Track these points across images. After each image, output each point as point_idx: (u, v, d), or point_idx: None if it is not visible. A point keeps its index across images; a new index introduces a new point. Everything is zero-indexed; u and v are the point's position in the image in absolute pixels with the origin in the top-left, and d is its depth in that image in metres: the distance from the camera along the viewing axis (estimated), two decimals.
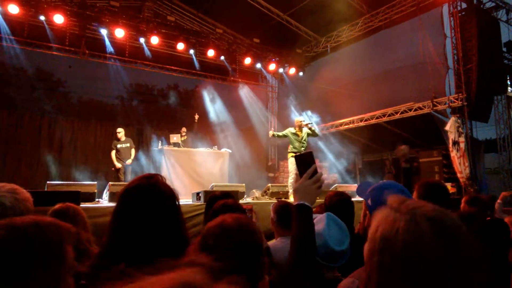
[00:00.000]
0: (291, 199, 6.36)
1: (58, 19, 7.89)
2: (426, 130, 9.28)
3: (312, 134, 6.71)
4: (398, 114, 9.21)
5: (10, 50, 8.55)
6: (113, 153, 7.73)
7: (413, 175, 9.94)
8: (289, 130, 6.73)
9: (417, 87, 8.93)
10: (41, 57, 9.08)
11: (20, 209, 1.12)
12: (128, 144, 7.86)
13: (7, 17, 7.94)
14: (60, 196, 4.09)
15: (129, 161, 7.81)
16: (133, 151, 7.93)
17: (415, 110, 8.86)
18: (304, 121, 6.74)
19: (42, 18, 7.93)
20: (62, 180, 7.92)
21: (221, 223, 1.06)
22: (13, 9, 7.47)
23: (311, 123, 6.72)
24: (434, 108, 8.47)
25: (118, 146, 7.78)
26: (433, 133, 8.88)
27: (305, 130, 6.64)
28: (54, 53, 8.98)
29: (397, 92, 9.31)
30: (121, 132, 7.85)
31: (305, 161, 1.30)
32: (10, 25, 8.14)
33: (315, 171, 1.27)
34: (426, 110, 8.66)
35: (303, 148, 6.59)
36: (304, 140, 6.59)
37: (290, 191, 6.59)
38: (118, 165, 7.65)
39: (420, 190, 2.25)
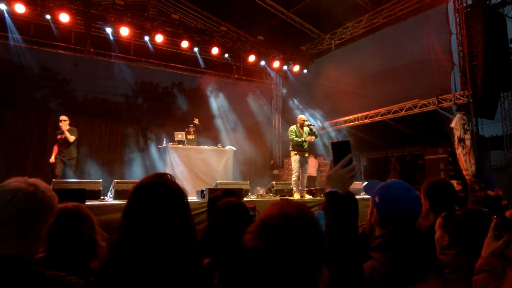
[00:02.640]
0: (295, 197, 6.36)
1: (64, 18, 7.94)
2: (432, 127, 9.23)
3: (312, 135, 6.65)
4: (403, 111, 9.17)
5: (16, 49, 8.63)
6: (55, 145, 6.76)
7: (418, 172, 9.91)
8: (294, 130, 6.61)
9: (422, 84, 8.88)
10: (46, 56, 9.16)
11: (35, 201, 1.15)
12: (65, 135, 6.68)
13: (14, 16, 8.01)
14: (66, 194, 4.14)
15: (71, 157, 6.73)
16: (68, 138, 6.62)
17: (420, 107, 8.81)
18: (307, 120, 6.73)
19: (48, 17, 7.98)
20: (68, 178, 8.02)
21: (283, 209, 0.95)
22: (20, 8, 7.53)
23: (313, 125, 6.74)
24: (440, 105, 8.42)
25: (58, 137, 6.80)
26: (439, 130, 8.83)
27: (306, 129, 6.61)
28: (60, 51, 9.05)
29: (402, 89, 9.26)
30: (61, 120, 6.75)
31: (342, 149, 1.27)
32: (17, 24, 8.21)
33: (351, 160, 1.25)
34: (431, 107, 8.61)
35: (306, 147, 6.57)
36: (304, 139, 6.55)
37: (294, 188, 6.59)
38: (52, 159, 6.65)
39: (426, 188, 2.26)
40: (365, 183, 1.70)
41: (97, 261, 1.18)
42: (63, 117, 6.79)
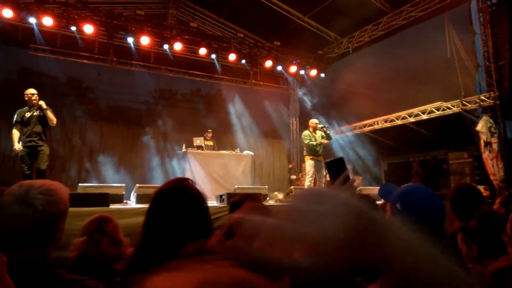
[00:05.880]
0: None
1: (88, 29, 8.26)
2: (456, 131, 8.95)
3: (326, 137, 6.61)
4: (425, 114, 8.95)
5: (44, 60, 9.05)
6: (15, 129, 5.17)
7: (441, 177, 9.62)
8: (308, 134, 6.60)
9: (445, 86, 8.65)
10: (72, 66, 9.52)
11: (51, 212, 1.15)
12: (37, 112, 5.25)
13: (42, 29, 8.40)
14: (91, 198, 4.28)
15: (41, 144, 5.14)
16: (51, 120, 5.25)
17: (443, 110, 8.57)
18: (319, 123, 6.69)
19: (73, 28, 8.31)
20: (92, 182, 8.26)
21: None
22: (48, 21, 7.90)
23: (327, 127, 6.68)
24: (464, 107, 8.16)
25: (27, 115, 5.20)
26: (463, 134, 8.55)
27: (319, 132, 6.58)
28: (84, 61, 9.41)
29: (423, 92, 9.05)
30: (33, 94, 5.30)
31: (336, 167, 1.26)
32: (45, 36, 8.61)
33: (347, 177, 1.25)
34: (455, 110, 8.36)
35: (320, 151, 6.52)
36: (320, 142, 6.52)
37: None
38: (17, 146, 5.06)
39: (452, 194, 2.20)
40: (379, 187, 1.65)
41: (122, 262, 1.22)
42: (34, 91, 5.39)
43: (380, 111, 9.96)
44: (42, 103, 5.29)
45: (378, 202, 2.88)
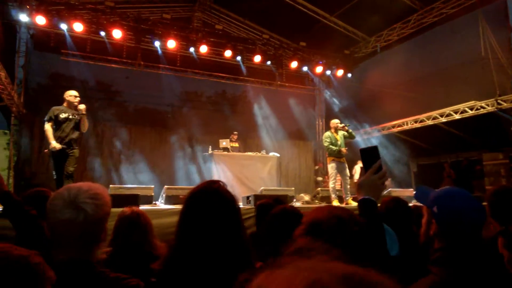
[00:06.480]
0: (334, 204, 6.16)
1: (117, 34, 8.51)
2: (490, 131, 8.55)
3: (349, 136, 6.51)
4: (458, 114, 8.59)
5: (75, 65, 9.42)
6: (49, 125, 4.92)
7: (475, 179, 9.21)
8: (328, 136, 6.51)
9: (478, 85, 8.27)
10: (101, 70, 9.85)
11: (99, 215, 1.19)
12: (75, 116, 5.06)
13: (73, 35, 8.75)
14: (121, 199, 4.39)
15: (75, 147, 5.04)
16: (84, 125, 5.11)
17: (477, 109, 8.19)
18: (340, 123, 6.57)
19: (102, 33, 8.60)
20: (122, 184, 8.50)
21: (332, 211, 1.07)
22: (78, 27, 8.22)
23: (348, 125, 6.55)
24: (499, 106, 7.78)
25: (62, 116, 4.97)
26: (499, 134, 8.15)
27: (341, 132, 6.47)
28: (113, 65, 9.72)
29: (455, 91, 8.69)
30: (76, 97, 5.13)
31: (370, 155, 1.28)
32: (75, 41, 8.95)
33: (380, 166, 1.26)
34: (489, 109, 7.98)
35: (343, 152, 6.40)
36: (342, 143, 6.40)
37: (333, 196, 6.41)
38: (57, 145, 4.81)
39: (490, 197, 2.12)
40: (415, 190, 1.62)
41: (157, 262, 1.24)
42: (77, 93, 5.16)
43: (409, 111, 9.66)
44: (83, 107, 5.05)
45: (409, 205, 2.83)
